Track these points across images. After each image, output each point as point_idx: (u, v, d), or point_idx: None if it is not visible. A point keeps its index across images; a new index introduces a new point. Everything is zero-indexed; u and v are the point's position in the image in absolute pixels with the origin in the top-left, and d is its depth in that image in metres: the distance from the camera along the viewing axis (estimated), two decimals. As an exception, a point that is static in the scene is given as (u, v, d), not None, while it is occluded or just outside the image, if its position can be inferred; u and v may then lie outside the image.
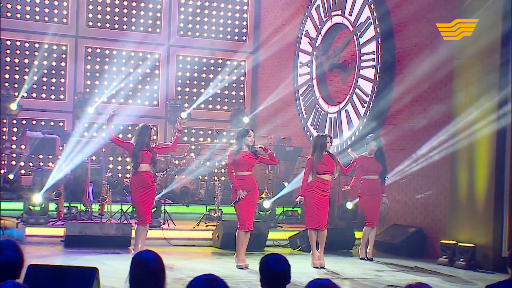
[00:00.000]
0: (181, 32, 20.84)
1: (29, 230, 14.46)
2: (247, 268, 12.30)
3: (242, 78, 21.48)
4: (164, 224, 15.39)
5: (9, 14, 19.07)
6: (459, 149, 14.16)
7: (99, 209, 15.14)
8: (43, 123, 19.23)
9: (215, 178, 17.15)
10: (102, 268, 11.92)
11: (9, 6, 19.04)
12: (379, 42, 16.46)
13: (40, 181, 16.16)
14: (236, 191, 12.30)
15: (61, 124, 19.47)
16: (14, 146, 18.29)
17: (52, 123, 19.33)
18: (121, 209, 15.10)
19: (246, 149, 12.48)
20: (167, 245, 14.80)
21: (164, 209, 15.63)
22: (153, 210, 15.12)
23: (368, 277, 12.06)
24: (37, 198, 14.67)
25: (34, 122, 19.09)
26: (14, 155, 18.32)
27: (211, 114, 21.03)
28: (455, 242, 13.91)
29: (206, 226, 15.67)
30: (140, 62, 20.27)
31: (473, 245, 13.61)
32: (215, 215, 15.87)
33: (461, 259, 13.65)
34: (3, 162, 17.94)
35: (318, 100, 18.42)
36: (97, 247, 13.78)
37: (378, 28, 16.49)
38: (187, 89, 20.89)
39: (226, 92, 21.37)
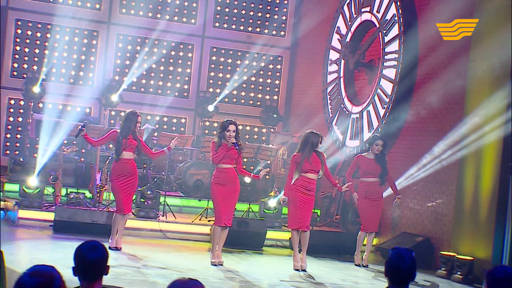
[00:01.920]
0: (217, 24, 20.42)
1: (23, 213, 14.31)
2: (221, 265, 11.82)
3: (278, 74, 20.93)
4: (163, 216, 15.02)
5: (41, -3, 19.04)
6: (466, 155, 13.37)
7: (97, 197, 14.90)
8: (69, 108, 19.11)
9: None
10: (68, 255, 11.67)
11: (41, -12, 19.01)
12: (402, 41, 15.71)
13: (50, 165, 16.03)
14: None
15: (87, 110, 19.31)
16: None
17: (78, 109, 19.19)
18: (119, 198, 14.76)
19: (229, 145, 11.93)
20: (163, 237, 14.44)
21: (164, 201, 15.23)
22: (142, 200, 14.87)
23: (343, 284, 11.42)
24: (32, 181, 14.50)
25: (60, 107, 18.95)
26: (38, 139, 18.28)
27: (242, 109, 20.54)
28: (454, 254, 13.11)
29: (209, 221, 15.20)
30: (172, 52, 19.95)
31: (472, 258, 12.80)
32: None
33: (459, 272, 12.86)
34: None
35: (344, 100, 17.76)
36: (85, 234, 13.45)
37: (402, 27, 15.74)
38: (220, 82, 20.45)
39: (260, 87, 20.84)
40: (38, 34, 18.98)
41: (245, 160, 19.52)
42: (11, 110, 18.85)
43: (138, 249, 12.76)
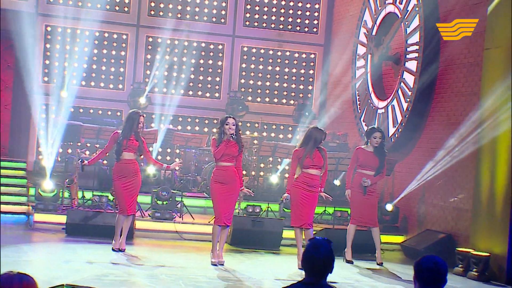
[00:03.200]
0: (247, 23, 20.20)
1: (38, 216, 14.32)
2: (221, 265, 11.55)
3: (311, 71, 20.57)
4: (179, 217, 14.86)
5: (70, 2, 19.07)
6: (482, 147, 12.85)
7: (113, 200, 14.80)
8: (100, 112, 19.15)
9: (253, 173, 16.36)
10: (66, 256, 11.59)
11: (70, -7, 19.08)
12: (422, 32, 15.23)
13: (71, 168, 16.06)
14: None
15: (118, 113, 19.31)
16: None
17: (109, 113, 19.21)
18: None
19: (229, 138, 11.71)
20: (179, 239, 14.27)
21: (181, 201, 15.06)
22: (165, 203, 14.72)
23: (342, 282, 11.04)
24: (47, 184, 14.50)
25: (91, 111, 19.01)
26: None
27: (274, 108, 20.25)
28: (470, 250, 12.59)
29: (226, 221, 14.96)
30: (202, 52, 19.81)
31: (488, 254, 12.26)
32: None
33: (474, 269, 12.34)
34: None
35: (371, 95, 17.33)
36: (97, 236, 13.41)
37: (422, 17, 15.26)
38: (251, 82, 20.21)
39: (293, 86, 20.51)
40: (68, 39, 19.04)
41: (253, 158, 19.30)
42: (43, 115, 18.95)
43: (144, 250, 12.62)
